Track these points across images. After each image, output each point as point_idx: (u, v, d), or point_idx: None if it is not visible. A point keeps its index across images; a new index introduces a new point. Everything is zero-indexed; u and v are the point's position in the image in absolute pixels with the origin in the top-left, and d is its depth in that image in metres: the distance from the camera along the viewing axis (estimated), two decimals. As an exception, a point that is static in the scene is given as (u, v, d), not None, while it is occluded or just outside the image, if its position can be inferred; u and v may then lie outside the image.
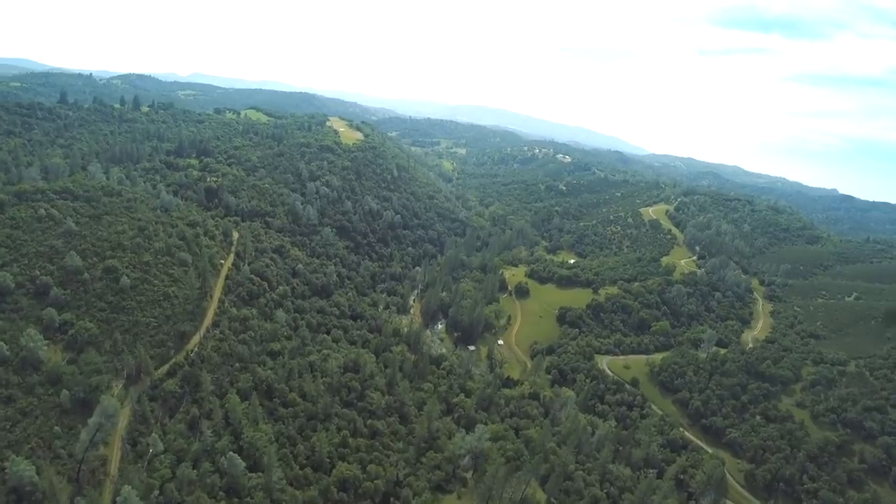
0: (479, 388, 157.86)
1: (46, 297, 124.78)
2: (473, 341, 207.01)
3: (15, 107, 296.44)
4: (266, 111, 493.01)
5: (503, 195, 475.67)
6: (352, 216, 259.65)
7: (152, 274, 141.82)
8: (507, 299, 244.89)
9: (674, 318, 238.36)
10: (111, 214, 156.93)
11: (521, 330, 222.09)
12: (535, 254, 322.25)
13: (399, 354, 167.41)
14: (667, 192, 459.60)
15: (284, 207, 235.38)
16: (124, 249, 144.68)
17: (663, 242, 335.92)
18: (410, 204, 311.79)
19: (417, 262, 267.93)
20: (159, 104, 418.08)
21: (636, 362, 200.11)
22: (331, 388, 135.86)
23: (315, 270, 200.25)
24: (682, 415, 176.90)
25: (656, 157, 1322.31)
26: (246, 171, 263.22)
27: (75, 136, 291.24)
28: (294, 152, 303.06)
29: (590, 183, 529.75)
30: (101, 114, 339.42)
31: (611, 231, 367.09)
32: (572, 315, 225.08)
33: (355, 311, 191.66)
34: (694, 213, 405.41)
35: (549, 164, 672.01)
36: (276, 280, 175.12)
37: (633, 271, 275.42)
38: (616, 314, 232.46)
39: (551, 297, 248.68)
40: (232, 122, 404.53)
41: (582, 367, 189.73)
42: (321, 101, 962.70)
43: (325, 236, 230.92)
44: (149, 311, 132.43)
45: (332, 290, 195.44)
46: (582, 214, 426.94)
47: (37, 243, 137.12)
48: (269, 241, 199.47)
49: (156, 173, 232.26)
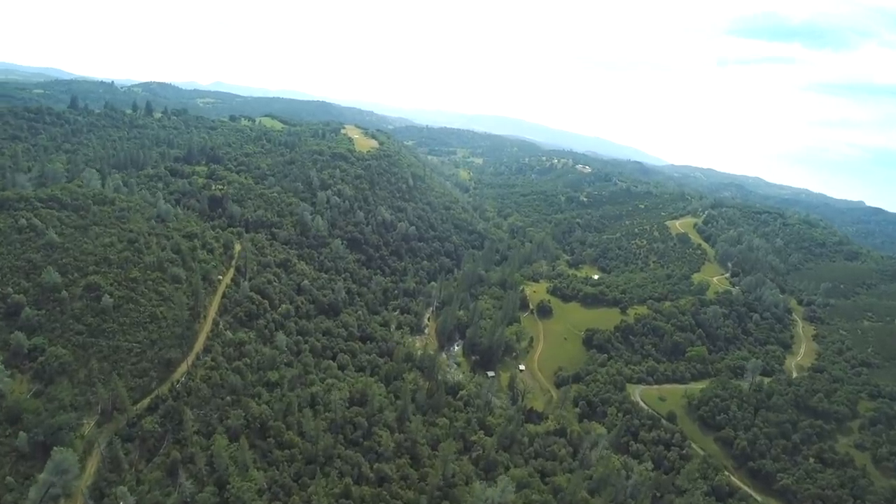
0: (500, 425, 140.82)
1: (17, 318, 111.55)
2: (493, 366, 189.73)
3: (23, 111, 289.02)
4: (281, 119, 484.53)
5: (522, 206, 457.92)
6: (364, 227, 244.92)
7: (139, 292, 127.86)
8: (528, 319, 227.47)
9: (709, 342, 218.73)
10: (100, 225, 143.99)
11: (544, 353, 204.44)
12: (556, 268, 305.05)
13: (411, 383, 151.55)
14: (693, 205, 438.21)
15: (293, 218, 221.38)
16: (110, 264, 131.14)
17: (693, 258, 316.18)
18: (426, 215, 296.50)
19: (433, 276, 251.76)
20: (172, 111, 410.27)
21: (672, 393, 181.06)
22: (333, 426, 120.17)
23: (322, 286, 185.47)
24: (727, 456, 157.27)
25: (676, 168, 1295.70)
26: (254, 179, 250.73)
27: (82, 141, 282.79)
28: (306, 160, 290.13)
29: (612, 194, 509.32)
30: (111, 119, 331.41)
31: (636, 245, 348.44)
32: (600, 338, 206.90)
33: (365, 331, 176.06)
34: (723, 227, 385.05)
35: (568, 174, 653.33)
36: (278, 298, 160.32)
37: (662, 289, 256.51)
38: (647, 337, 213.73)
39: (576, 316, 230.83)
40: (245, 128, 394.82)
41: (613, 398, 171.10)
42: (338, 109, 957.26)
43: (335, 249, 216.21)
44: (132, 334, 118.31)
45: (341, 309, 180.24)
46: (604, 227, 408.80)
47: (13, 257, 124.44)
48: (273, 255, 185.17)
49: (159, 180, 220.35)
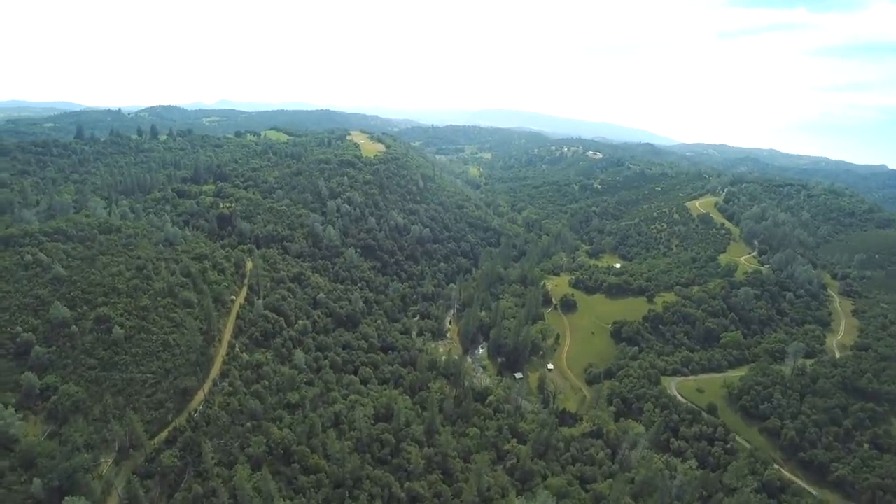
0: (533, 431, 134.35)
1: (27, 357, 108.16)
2: (520, 367, 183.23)
3: (30, 145, 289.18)
4: (286, 130, 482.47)
5: (535, 198, 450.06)
6: (377, 233, 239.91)
7: (150, 320, 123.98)
8: (552, 315, 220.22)
9: (744, 326, 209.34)
10: (107, 254, 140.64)
11: (571, 350, 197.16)
12: (576, 260, 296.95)
13: (438, 392, 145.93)
14: (712, 183, 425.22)
15: (303, 230, 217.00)
16: (119, 294, 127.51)
17: (717, 239, 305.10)
18: (439, 215, 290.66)
19: (451, 278, 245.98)
20: (178, 132, 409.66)
21: (710, 383, 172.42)
22: (360, 445, 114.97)
23: (339, 298, 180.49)
24: (774, 447, 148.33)
25: (687, 147, 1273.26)
26: (262, 194, 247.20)
27: (90, 170, 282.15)
28: (313, 170, 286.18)
29: (626, 179, 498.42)
30: (117, 146, 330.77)
31: (656, 229, 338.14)
32: (629, 330, 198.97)
33: (385, 341, 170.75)
34: (745, 204, 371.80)
35: (579, 162, 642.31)
36: (294, 314, 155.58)
37: (689, 274, 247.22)
38: (678, 325, 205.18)
39: (602, 309, 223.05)
40: (251, 143, 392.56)
41: (648, 393, 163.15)
42: (342, 116, 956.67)
43: (349, 258, 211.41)
44: (146, 364, 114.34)
45: (359, 319, 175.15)
46: (621, 213, 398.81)
47: (21, 294, 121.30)
48: (286, 269, 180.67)
49: (166, 203, 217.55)
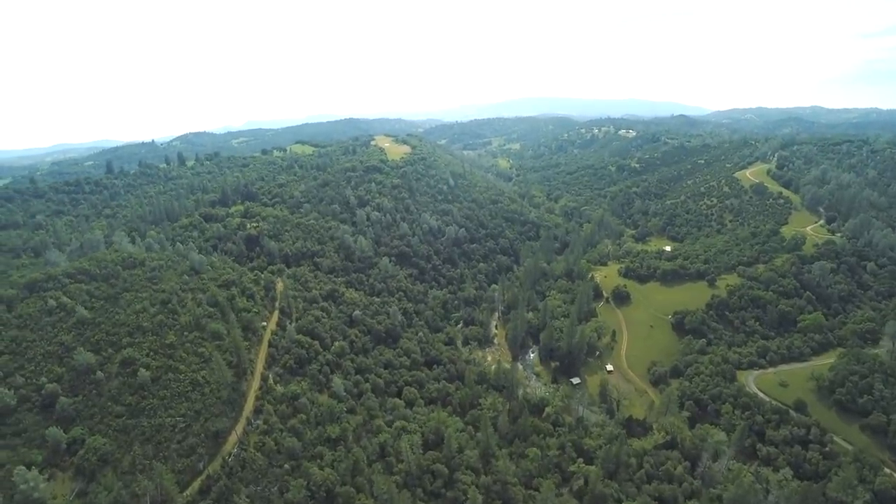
0: (600, 447, 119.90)
1: (53, 409, 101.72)
2: (576, 371, 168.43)
3: (63, 185, 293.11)
4: (311, 143, 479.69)
5: (571, 185, 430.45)
6: (410, 239, 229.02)
7: (178, 358, 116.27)
8: (605, 309, 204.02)
9: (822, 306, 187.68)
10: (131, 290, 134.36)
11: (630, 347, 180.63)
12: (623, 246, 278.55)
13: (490, 408, 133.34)
14: (761, 149, 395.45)
15: (334, 243, 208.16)
16: (144, 333, 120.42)
17: (776, 209, 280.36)
18: (473, 213, 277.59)
19: (492, 278, 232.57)
20: (205, 156, 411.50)
21: (794, 375, 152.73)
22: (409, 479, 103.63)
23: (376, 313, 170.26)
24: (881, 447, 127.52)
25: (722, 114, 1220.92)
26: (290, 209, 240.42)
27: (121, 203, 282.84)
28: (339, 179, 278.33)
29: (664, 155, 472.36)
30: (147, 177, 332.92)
31: (705, 205, 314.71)
32: (692, 320, 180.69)
33: (429, 355, 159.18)
34: (801, 168, 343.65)
35: (612, 142, 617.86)
36: (329, 335, 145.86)
37: (751, 251, 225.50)
38: (747, 311, 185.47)
39: (658, 298, 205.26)
40: (277, 160, 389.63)
41: (725, 392, 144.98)
42: (366, 123, 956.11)
43: (384, 268, 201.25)
44: (175, 407, 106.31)
45: (399, 334, 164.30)
46: (664, 192, 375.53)
47: (45, 342, 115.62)
48: (318, 288, 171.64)
49: (193, 229, 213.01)
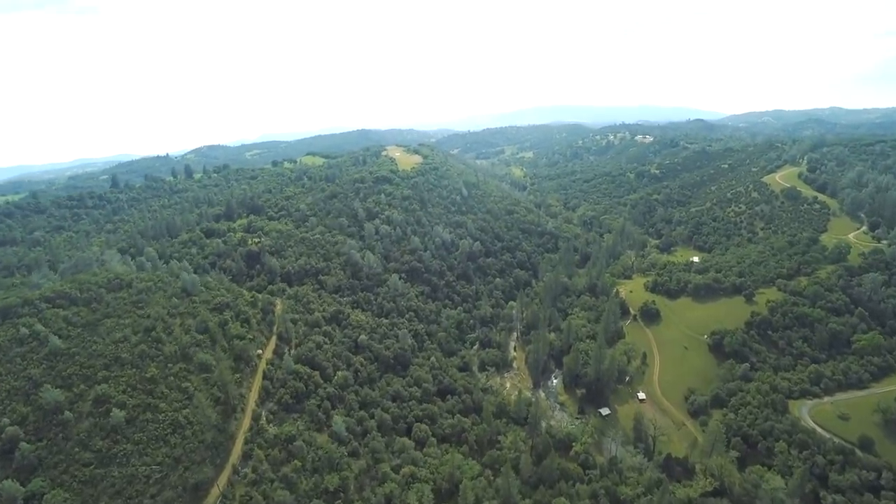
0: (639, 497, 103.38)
1: (12, 457, 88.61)
2: (605, 399, 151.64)
3: (66, 200, 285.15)
4: (322, 154, 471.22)
5: (588, 193, 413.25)
6: (422, 254, 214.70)
7: (158, 394, 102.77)
8: (633, 328, 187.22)
9: (877, 323, 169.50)
10: (113, 316, 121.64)
11: (664, 371, 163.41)
12: (647, 257, 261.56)
13: (511, 447, 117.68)
14: (790, 151, 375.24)
15: (340, 259, 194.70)
16: (123, 365, 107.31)
17: (812, 215, 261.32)
18: (489, 225, 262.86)
19: (510, 295, 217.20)
20: (213, 168, 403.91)
21: (855, 406, 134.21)
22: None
23: (384, 336, 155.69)
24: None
25: (739, 118, 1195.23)
26: (295, 223, 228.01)
27: (124, 218, 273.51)
28: (348, 191, 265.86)
29: (685, 160, 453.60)
30: (152, 190, 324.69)
31: (733, 212, 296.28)
32: (732, 341, 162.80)
33: (442, 383, 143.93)
34: (834, 171, 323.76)
35: (628, 148, 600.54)
36: (331, 364, 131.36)
37: (790, 263, 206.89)
38: (793, 330, 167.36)
39: (691, 315, 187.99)
40: (286, 171, 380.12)
41: (777, 427, 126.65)
42: (378, 134, 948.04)
43: (393, 286, 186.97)
44: (151, 453, 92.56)
45: (409, 360, 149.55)
46: (687, 198, 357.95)
47: (12, 376, 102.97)
48: (322, 309, 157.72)
49: (193, 245, 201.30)
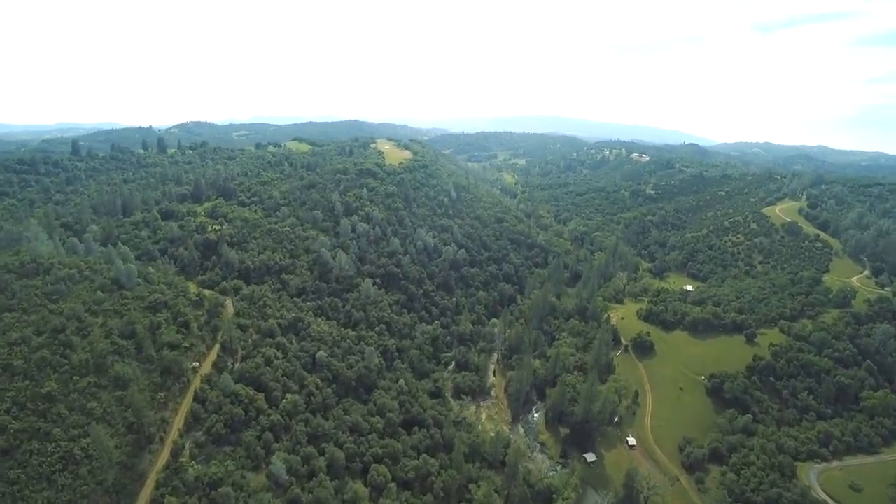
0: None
1: None
2: (591, 443, 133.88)
3: (15, 163, 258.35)
4: (310, 141, 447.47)
5: (581, 207, 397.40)
6: (401, 258, 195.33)
7: (53, 416, 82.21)
8: (623, 360, 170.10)
9: (884, 378, 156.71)
10: (16, 310, 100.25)
11: (657, 414, 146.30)
12: (640, 280, 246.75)
13: (483, 500, 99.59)
14: (791, 185, 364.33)
15: (309, 257, 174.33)
16: (14, 375, 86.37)
17: (814, 254, 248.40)
18: (476, 232, 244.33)
19: (493, 310, 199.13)
20: (189, 145, 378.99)
21: (866, 474, 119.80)
22: None
23: (348, 352, 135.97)
24: None
25: (730, 146, 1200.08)
26: (265, 212, 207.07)
27: (78, 189, 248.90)
28: (328, 181, 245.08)
29: (682, 183, 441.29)
30: (117, 161, 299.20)
31: (730, 242, 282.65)
32: (733, 387, 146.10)
33: (410, 412, 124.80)
34: (834, 209, 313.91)
35: (623, 165, 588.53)
36: (280, 385, 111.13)
37: (792, 303, 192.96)
38: (798, 379, 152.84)
39: (687, 352, 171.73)
40: (267, 154, 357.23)
41: (785, 496, 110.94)
42: (371, 126, 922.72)
43: (365, 292, 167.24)
44: (29, 497, 72.12)
45: (374, 382, 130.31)
46: (682, 223, 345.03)
47: None
48: (279, 315, 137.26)
49: (145, 227, 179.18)
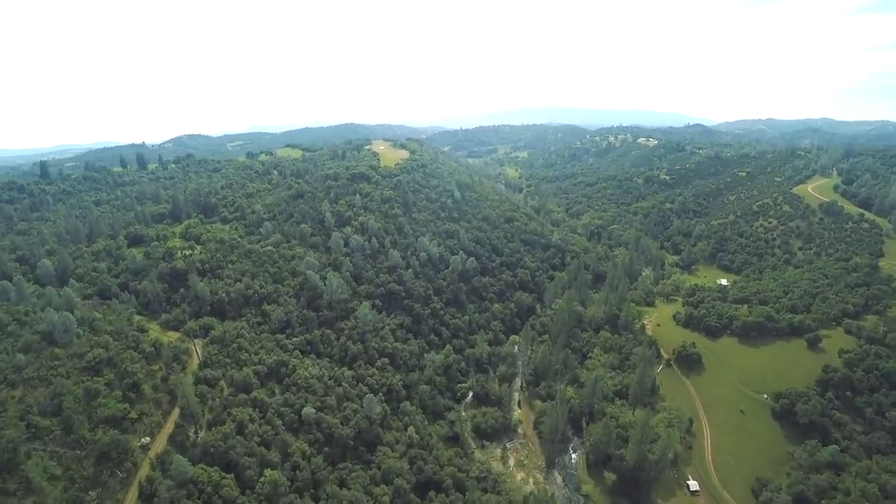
0: None
1: None
2: (645, 491, 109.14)
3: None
4: (304, 147, 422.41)
5: (593, 199, 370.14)
6: (402, 273, 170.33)
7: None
8: (668, 377, 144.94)
9: None
10: None
11: (718, 447, 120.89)
12: (669, 277, 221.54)
13: None
14: (821, 160, 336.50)
15: (295, 281, 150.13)
16: None
17: (862, 236, 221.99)
18: (485, 235, 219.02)
19: (511, 324, 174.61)
20: (172, 159, 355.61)
21: None
22: None
23: (343, 399, 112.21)
24: None
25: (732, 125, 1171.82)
26: (246, 229, 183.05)
27: (45, 216, 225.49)
28: (317, 189, 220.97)
29: (697, 166, 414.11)
30: (92, 182, 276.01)
31: (762, 228, 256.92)
32: (808, 409, 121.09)
33: (422, 471, 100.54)
34: (871, 184, 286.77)
35: (631, 151, 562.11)
36: (256, 459, 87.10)
37: (853, 296, 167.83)
38: (881, 393, 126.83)
39: (741, 364, 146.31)
40: (255, 164, 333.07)
41: None
42: (366, 129, 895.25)
43: (363, 318, 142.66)
44: None
45: (378, 435, 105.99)
46: (703, 209, 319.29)
47: None
48: (257, 360, 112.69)
49: (107, 256, 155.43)
